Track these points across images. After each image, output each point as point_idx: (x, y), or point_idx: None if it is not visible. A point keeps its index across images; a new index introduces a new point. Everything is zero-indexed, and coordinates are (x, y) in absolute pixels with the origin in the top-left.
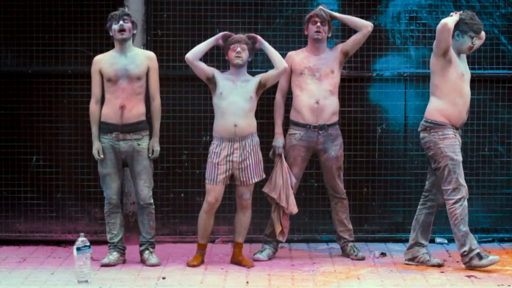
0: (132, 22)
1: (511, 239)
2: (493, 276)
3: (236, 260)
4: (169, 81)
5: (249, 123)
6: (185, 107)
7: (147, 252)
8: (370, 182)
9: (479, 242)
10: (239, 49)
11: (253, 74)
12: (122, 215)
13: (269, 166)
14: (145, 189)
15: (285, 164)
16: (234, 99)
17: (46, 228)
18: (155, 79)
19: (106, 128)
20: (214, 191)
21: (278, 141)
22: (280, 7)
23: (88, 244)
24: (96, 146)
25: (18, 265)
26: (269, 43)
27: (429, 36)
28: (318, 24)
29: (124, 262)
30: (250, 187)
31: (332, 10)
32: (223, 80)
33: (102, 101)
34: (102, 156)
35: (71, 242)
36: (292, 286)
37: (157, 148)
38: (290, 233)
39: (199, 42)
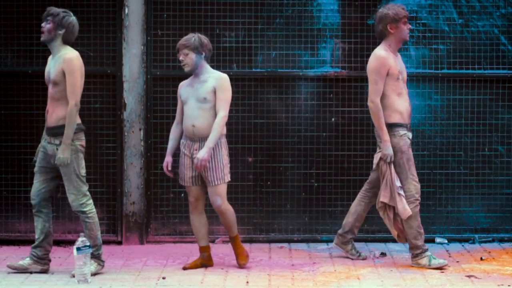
0: (57, 22)
1: (511, 239)
2: (493, 276)
3: (235, 253)
4: (169, 81)
5: (207, 123)
6: None
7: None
8: None
9: (479, 242)
10: (181, 57)
11: (253, 74)
12: (45, 221)
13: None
14: (70, 195)
15: (393, 170)
16: (191, 102)
17: None
18: (69, 82)
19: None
20: (191, 191)
21: (390, 149)
22: (280, 7)
23: (88, 244)
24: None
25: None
26: (269, 43)
27: (429, 36)
28: (408, 24)
29: (44, 272)
30: (217, 190)
31: (332, 10)
32: (184, 89)
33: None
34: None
35: (71, 242)
36: (292, 286)
37: (59, 155)
38: (290, 233)
39: None
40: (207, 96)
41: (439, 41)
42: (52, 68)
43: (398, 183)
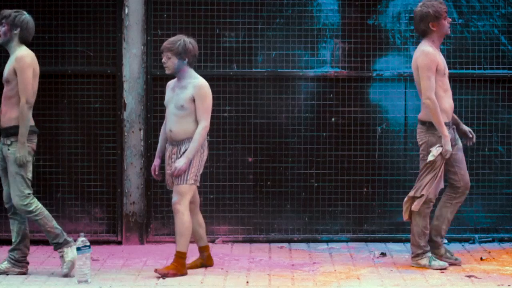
0: (10, 23)
1: (511, 239)
2: (493, 276)
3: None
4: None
5: (183, 129)
6: None
7: (59, 252)
8: (370, 182)
9: (479, 242)
10: (163, 59)
11: (253, 74)
12: (20, 223)
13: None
14: (15, 197)
15: (442, 168)
16: (170, 107)
17: None
18: (20, 80)
19: None
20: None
21: (450, 145)
22: (280, 7)
23: (88, 244)
24: None
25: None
26: (269, 43)
27: None
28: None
29: (23, 274)
30: (178, 189)
31: (332, 10)
32: (168, 92)
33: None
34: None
35: None
36: (292, 286)
37: (16, 154)
38: (290, 233)
39: (199, 42)
40: (184, 104)
41: None
42: (6, 67)
43: (442, 184)
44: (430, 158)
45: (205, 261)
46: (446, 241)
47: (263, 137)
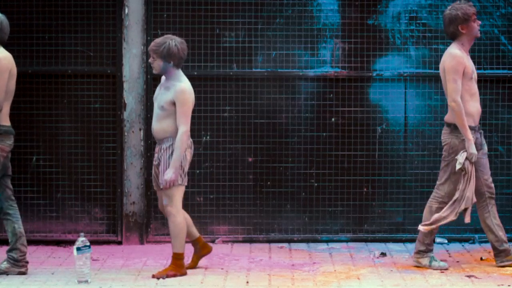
0: None
1: (511, 239)
2: (493, 276)
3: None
4: None
5: (163, 129)
6: None
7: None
8: (370, 182)
9: (479, 242)
10: (150, 59)
11: (253, 74)
12: (13, 223)
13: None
14: None
15: (474, 170)
16: (155, 105)
17: (46, 228)
18: None
19: None
20: (159, 195)
21: (474, 148)
22: (280, 7)
23: (88, 244)
24: None
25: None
26: (269, 43)
27: (429, 36)
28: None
29: (22, 274)
30: (166, 193)
31: (332, 10)
32: (158, 87)
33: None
34: None
35: (71, 242)
36: (292, 286)
37: None
38: (290, 233)
39: (199, 42)
40: (164, 105)
41: (439, 41)
42: None
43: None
44: (458, 166)
45: (200, 252)
46: (446, 241)
47: (263, 137)
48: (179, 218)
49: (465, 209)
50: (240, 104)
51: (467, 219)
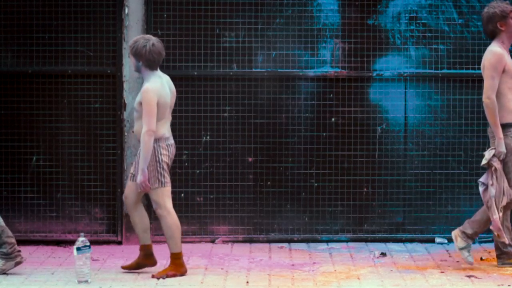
0: None
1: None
2: (493, 276)
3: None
4: None
5: (137, 130)
6: (185, 107)
7: None
8: (370, 182)
9: (479, 242)
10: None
11: (253, 74)
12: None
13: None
14: None
15: (501, 169)
16: None
17: (46, 228)
18: None
19: None
20: (126, 186)
21: (503, 146)
22: (280, 7)
23: (88, 244)
24: None
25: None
26: (269, 43)
27: (429, 36)
28: None
29: (19, 264)
30: (151, 196)
31: (332, 10)
32: None
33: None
34: None
35: (71, 242)
36: (292, 286)
37: None
38: (290, 233)
39: (199, 42)
40: (136, 106)
41: (439, 41)
42: None
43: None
44: (483, 162)
45: (144, 260)
46: (446, 241)
47: (263, 137)
48: (170, 219)
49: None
50: (240, 104)
51: (503, 238)
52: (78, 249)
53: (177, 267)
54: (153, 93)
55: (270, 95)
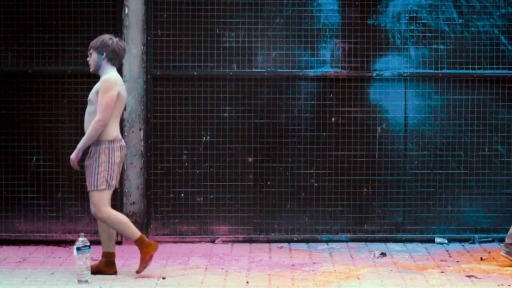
0: None
1: None
2: (493, 276)
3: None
4: (169, 81)
5: (86, 126)
6: (185, 107)
7: None
8: (370, 182)
9: (479, 242)
10: (88, 58)
11: (253, 74)
12: None
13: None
14: None
15: None
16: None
17: (46, 228)
18: None
19: None
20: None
21: None
22: (280, 7)
23: (88, 244)
24: None
25: (18, 265)
26: (269, 43)
27: (429, 36)
28: None
29: None
30: (91, 197)
31: (332, 10)
32: None
33: None
34: None
35: (71, 242)
36: (292, 286)
37: None
38: (290, 233)
39: (199, 42)
40: (91, 97)
41: (439, 41)
42: None
43: None
44: None
45: (102, 267)
46: (446, 241)
47: (263, 137)
48: (113, 216)
49: None
50: (240, 104)
51: None
52: (78, 249)
53: (146, 248)
54: (114, 83)
55: (270, 95)
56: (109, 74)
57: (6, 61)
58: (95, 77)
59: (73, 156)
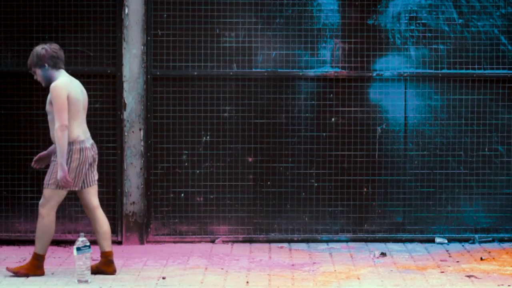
0: None
1: (511, 239)
2: (493, 276)
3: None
4: (169, 81)
5: (52, 134)
6: (185, 107)
7: None
8: (370, 182)
9: (479, 242)
10: (34, 76)
11: (253, 74)
12: None
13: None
14: None
15: None
16: None
17: None
18: None
19: None
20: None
21: None
22: (280, 7)
23: (88, 244)
24: None
25: (18, 265)
26: (269, 43)
27: (429, 36)
28: None
29: None
30: (44, 192)
31: (332, 10)
32: None
33: None
34: None
35: (71, 242)
36: (292, 286)
37: None
38: (290, 233)
39: (199, 42)
40: (47, 107)
41: (439, 41)
42: None
43: None
44: None
45: (102, 266)
46: (446, 241)
47: (263, 137)
48: (46, 221)
49: None
50: (240, 104)
51: None
52: (78, 249)
53: (34, 268)
54: (61, 88)
55: (270, 95)
56: (56, 81)
57: (6, 61)
58: (95, 77)
59: (61, 173)
